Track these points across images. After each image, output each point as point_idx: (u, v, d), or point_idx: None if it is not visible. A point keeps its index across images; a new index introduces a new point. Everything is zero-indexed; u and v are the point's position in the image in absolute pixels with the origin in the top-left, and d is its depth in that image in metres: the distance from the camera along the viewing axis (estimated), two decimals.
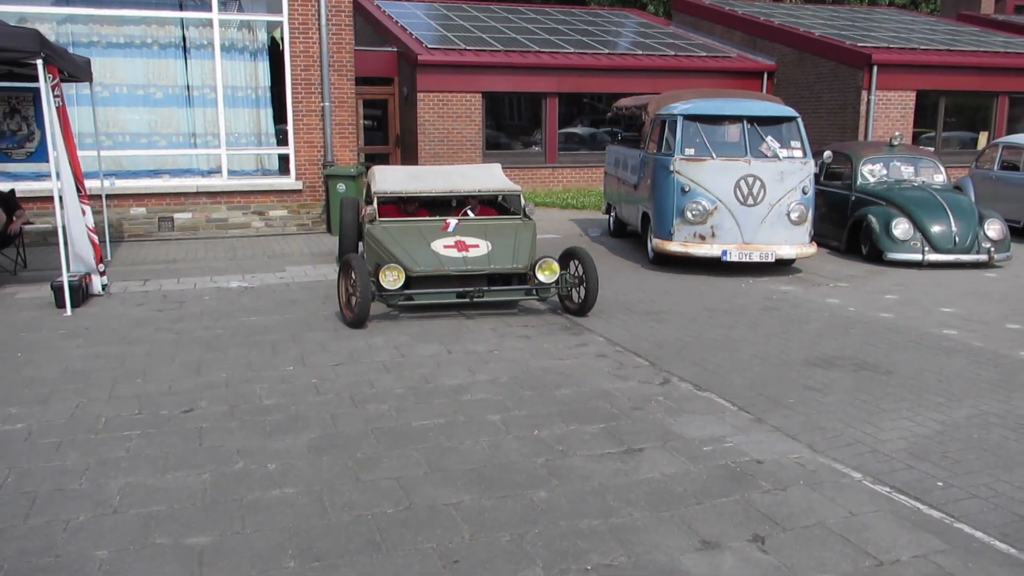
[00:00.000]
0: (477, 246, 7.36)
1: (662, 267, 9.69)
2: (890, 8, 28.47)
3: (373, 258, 7.43)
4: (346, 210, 9.08)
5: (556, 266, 7.27)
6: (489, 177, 8.49)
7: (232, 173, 11.83)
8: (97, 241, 8.05)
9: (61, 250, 7.52)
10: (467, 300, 7.19)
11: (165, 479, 3.99)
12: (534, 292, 7.37)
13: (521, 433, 4.59)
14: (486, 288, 7.24)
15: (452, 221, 7.65)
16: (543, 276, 7.26)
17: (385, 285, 6.92)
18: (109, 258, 9.78)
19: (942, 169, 11.23)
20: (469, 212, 8.31)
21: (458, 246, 7.33)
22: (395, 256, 7.15)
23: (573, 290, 7.42)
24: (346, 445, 4.41)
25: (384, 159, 18.17)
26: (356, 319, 6.81)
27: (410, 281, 7.09)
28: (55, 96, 7.45)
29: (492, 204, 8.81)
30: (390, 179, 8.31)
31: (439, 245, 7.32)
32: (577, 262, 7.39)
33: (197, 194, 11.56)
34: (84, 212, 7.85)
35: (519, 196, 8.17)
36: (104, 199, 10.22)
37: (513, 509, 3.68)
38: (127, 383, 5.44)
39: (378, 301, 7.05)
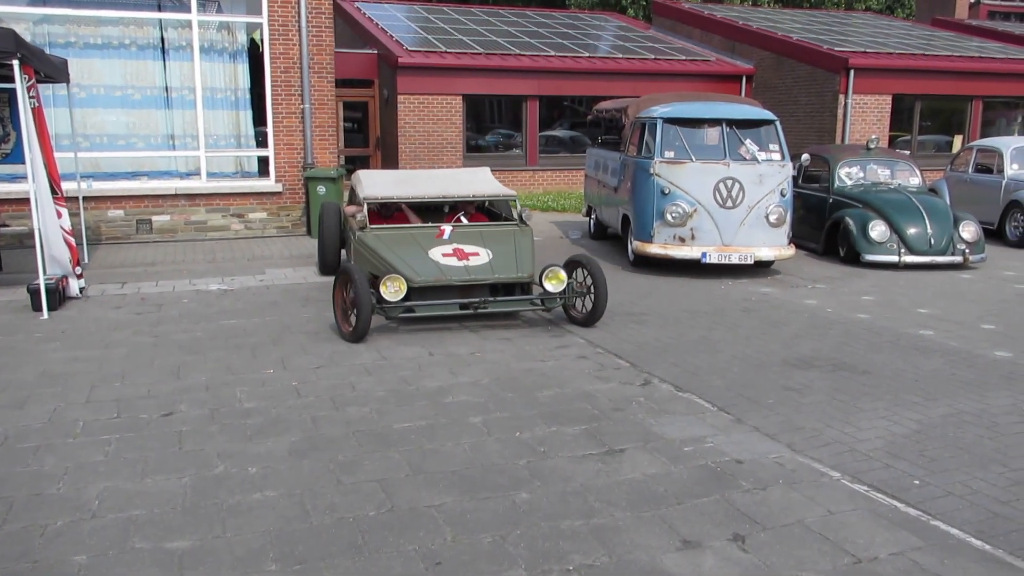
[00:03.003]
0: (477, 254, 7.03)
1: (642, 269, 9.74)
2: (866, 13, 28.80)
3: (366, 267, 7.01)
4: (327, 216, 8.88)
5: (563, 275, 6.95)
6: (481, 181, 8.24)
7: (211, 175, 11.75)
8: (74, 243, 7.98)
9: (38, 253, 7.44)
10: (471, 311, 6.84)
11: (144, 483, 3.96)
12: (539, 302, 7.04)
13: (503, 435, 4.59)
14: (491, 299, 6.91)
15: (447, 228, 7.31)
16: (550, 285, 6.91)
17: (387, 297, 6.51)
18: (86, 261, 9.68)
19: (918, 172, 11.37)
20: (462, 218, 8.00)
21: (457, 254, 7.00)
22: (393, 266, 6.80)
23: (578, 299, 7.15)
24: (327, 448, 4.40)
25: (364, 161, 18.14)
26: (357, 334, 6.41)
27: (410, 292, 6.69)
28: (31, 97, 7.38)
29: (479, 209, 8.60)
30: (378, 184, 8.02)
31: (437, 253, 6.98)
32: (584, 270, 7.08)
33: (176, 196, 11.47)
34: (60, 214, 7.77)
35: (513, 201, 7.89)
36: (81, 201, 10.11)
37: (495, 510, 3.69)
38: (105, 387, 5.39)
39: (377, 314, 6.63)
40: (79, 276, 8.06)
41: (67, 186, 8.69)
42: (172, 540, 3.42)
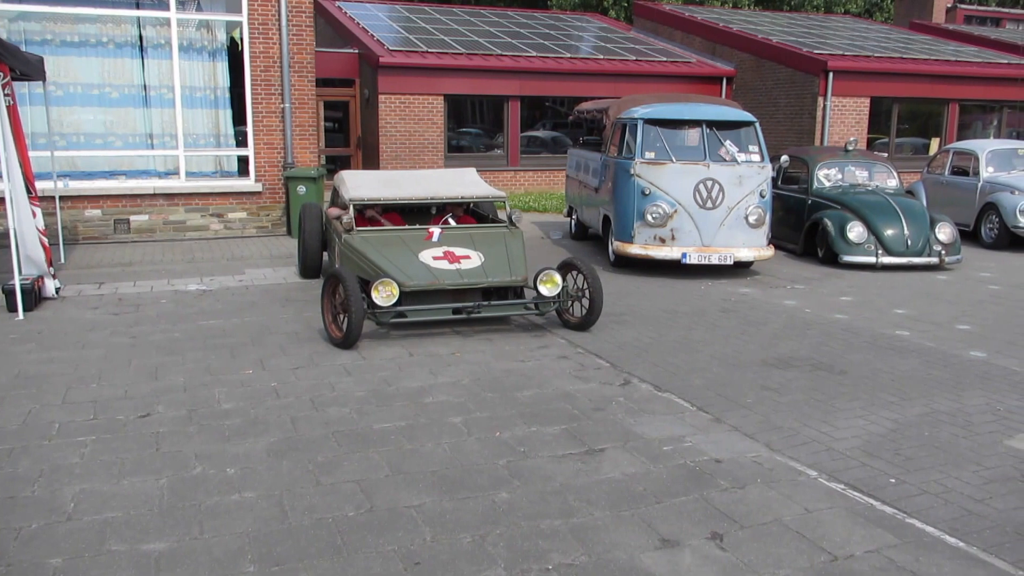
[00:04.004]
0: (468, 257, 6.87)
1: (623, 269, 9.77)
2: (845, 16, 29.05)
3: (353, 270, 6.77)
4: (308, 217, 8.77)
5: (558, 278, 6.81)
6: (469, 183, 8.13)
7: (190, 175, 11.66)
8: (47, 243, 7.89)
9: (13, 253, 7.35)
10: (463, 316, 6.68)
11: (121, 485, 3.92)
12: (534, 306, 6.91)
13: (483, 435, 4.59)
14: (484, 303, 6.74)
15: (435, 230, 7.15)
16: (545, 289, 6.77)
17: (379, 302, 6.33)
18: (62, 261, 9.58)
19: (895, 174, 11.49)
20: (451, 220, 7.87)
21: (448, 257, 6.83)
22: (383, 269, 6.63)
23: (572, 303, 7.04)
24: (306, 448, 4.38)
25: (345, 161, 18.08)
26: (348, 340, 6.21)
27: (401, 296, 6.51)
28: (6, 95, 7.29)
29: (465, 211, 8.48)
30: (363, 185, 7.83)
31: (428, 256, 6.81)
32: (578, 274, 6.99)
33: (154, 196, 11.38)
34: (35, 214, 7.69)
35: (502, 203, 7.78)
36: (57, 200, 10.00)
37: (475, 510, 3.69)
38: (81, 388, 5.34)
39: (368, 319, 6.47)
40: (53, 276, 7.97)
41: (43, 185, 8.60)
42: (149, 542, 3.39)
